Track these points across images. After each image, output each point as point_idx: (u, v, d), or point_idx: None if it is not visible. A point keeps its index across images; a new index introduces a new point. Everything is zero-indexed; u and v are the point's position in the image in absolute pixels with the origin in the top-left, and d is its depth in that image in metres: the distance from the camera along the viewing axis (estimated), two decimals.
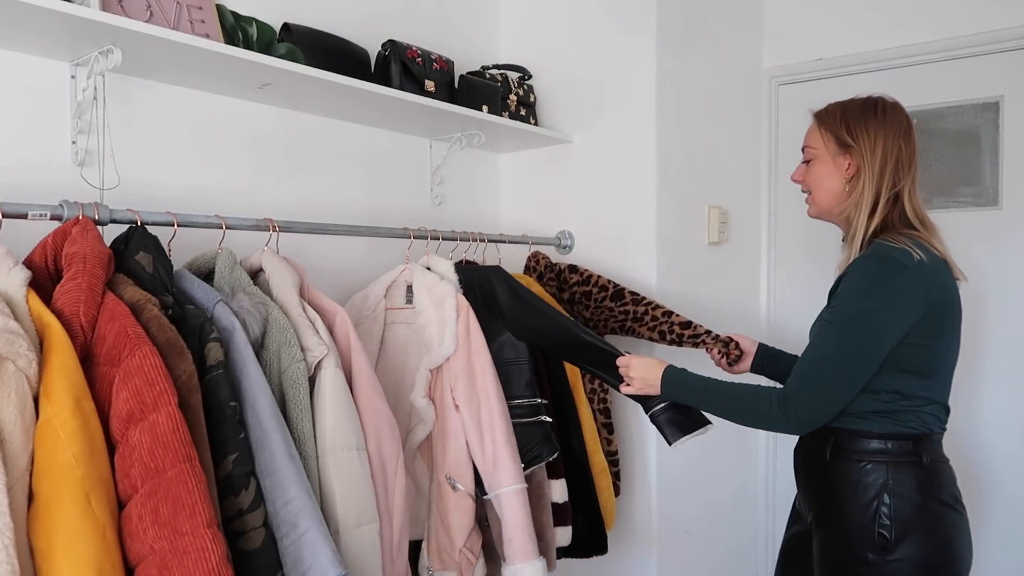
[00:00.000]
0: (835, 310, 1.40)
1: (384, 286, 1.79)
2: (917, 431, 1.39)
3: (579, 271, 2.11)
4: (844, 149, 1.49)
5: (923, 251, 1.37)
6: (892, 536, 1.35)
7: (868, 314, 1.35)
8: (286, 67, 1.55)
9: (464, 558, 1.63)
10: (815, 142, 1.54)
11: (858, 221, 1.44)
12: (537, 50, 2.41)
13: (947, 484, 1.42)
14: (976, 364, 2.30)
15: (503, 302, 1.76)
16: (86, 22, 1.26)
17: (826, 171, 1.51)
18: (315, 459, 1.33)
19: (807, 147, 1.56)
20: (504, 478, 1.62)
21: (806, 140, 1.57)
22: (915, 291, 1.35)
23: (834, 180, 1.50)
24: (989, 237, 2.28)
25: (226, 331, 1.26)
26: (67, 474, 0.98)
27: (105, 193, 1.48)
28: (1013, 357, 2.25)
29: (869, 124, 1.46)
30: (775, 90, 2.65)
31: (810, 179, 1.55)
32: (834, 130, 1.50)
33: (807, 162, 1.56)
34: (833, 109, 1.53)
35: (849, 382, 1.37)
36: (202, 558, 1.01)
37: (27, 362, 1.00)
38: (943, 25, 2.32)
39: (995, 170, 2.28)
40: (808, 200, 1.58)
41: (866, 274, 1.37)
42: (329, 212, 1.93)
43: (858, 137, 1.46)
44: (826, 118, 1.53)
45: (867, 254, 1.40)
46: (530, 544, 1.61)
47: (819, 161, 1.53)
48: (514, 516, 1.61)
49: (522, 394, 1.74)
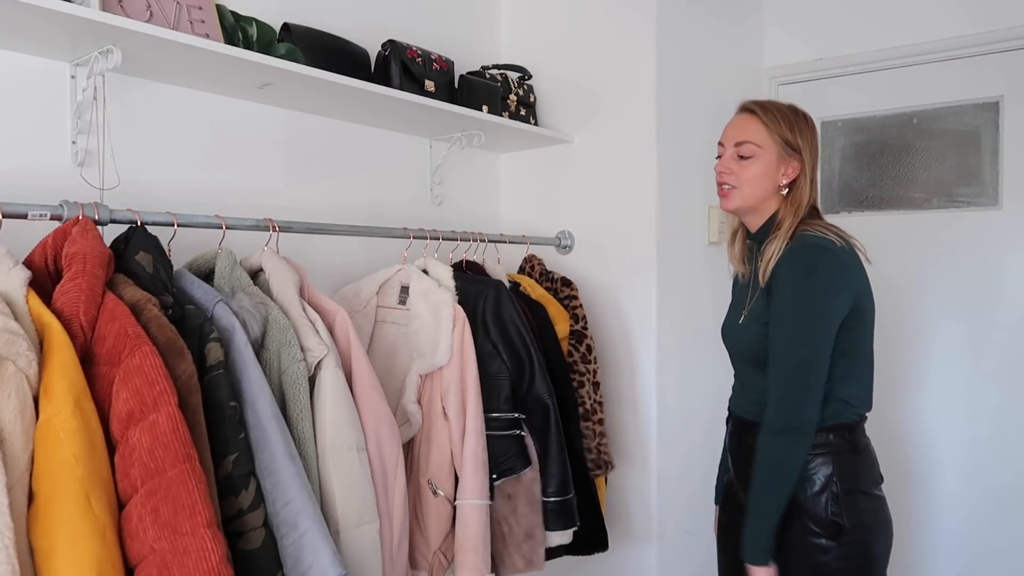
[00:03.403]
0: (780, 312, 1.43)
1: (377, 283, 1.79)
2: (852, 420, 1.47)
3: (571, 287, 2.12)
4: (789, 153, 1.50)
5: (839, 237, 1.45)
6: (844, 521, 1.41)
7: (813, 304, 1.40)
8: (286, 67, 1.55)
9: (437, 560, 1.66)
10: (760, 140, 1.51)
11: (790, 221, 1.48)
12: (537, 50, 2.41)
13: (876, 466, 1.52)
14: (977, 364, 2.30)
15: (491, 323, 1.78)
16: (86, 22, 1.26)
17: (766, 171, 1.50)
18: (315, 459, 1.33)
19: (748, 143, 1.51)
20: (468, 491, 1.64)
21: (746, 135, 1.52)
22: (846, 274, 1.42)
23: (771, 180, 1.51)
24: (989, 237, 2.28)
25: (226, 331, 1.26)
26: (67, 474, 0.98)
27: (105, 193, 1.48)
28: (1014, 357, 2.25)
29: (804, 131, 1.51)
30: (775, 90, 2.65)
31: (746, 175, 1.52)
32: (781, 133, 1.50)
33: (743, 157, 1.52)
34: (774, 110, 1.52)
35: (820, 375, 1.41)
36: (202, 558, 1.01)
37: (27, 362, 1.00)
38: (943, 25, 2.32)
39: (995, 170, 2.28)
40: (729, 193, 1.54)
41: (801, 266, 1.42)
42: (329, 212, 1.93)
43: (803, 144, 1.50)
44: (772, 119, 1.51)
45: (796, 246, 1.44)
46: (480, 561, 1.63)
47: (760, 161, 1.51)
48: (470, 529, 1.63)
49: (500, 408, 1.75)
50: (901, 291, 2.41)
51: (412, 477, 1.70)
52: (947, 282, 2.34)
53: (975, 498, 2.31)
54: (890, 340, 2.44)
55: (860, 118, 2.51)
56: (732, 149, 1.54)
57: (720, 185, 1.56)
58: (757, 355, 1.50)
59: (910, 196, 2.42)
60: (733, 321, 1.62)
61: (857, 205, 2.52)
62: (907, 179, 2.43)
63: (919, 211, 2.40)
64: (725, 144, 1.56)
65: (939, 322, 2.36)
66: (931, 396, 2.38)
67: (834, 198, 2.56)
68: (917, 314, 2.39)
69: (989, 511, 2.28)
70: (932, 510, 2.37)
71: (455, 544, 1.65)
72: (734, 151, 1.53)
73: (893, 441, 2.44)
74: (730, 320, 1.64)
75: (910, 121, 2.42)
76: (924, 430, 2.39)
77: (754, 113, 1.53)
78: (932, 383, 2.38)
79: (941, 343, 2.36)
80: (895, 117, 2.45)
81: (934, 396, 2.38)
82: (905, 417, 2.42)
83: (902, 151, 2.44)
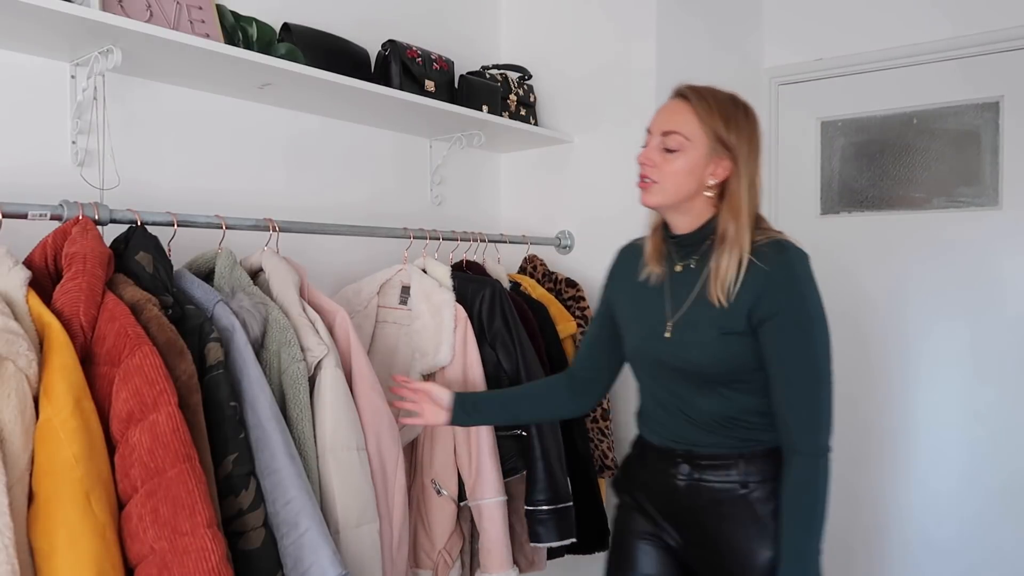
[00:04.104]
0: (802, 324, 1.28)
1: (378, 283, 1.79)
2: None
3: (577, 288, 2.12)
4: (720, 151, 1.32)
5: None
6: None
7: (823, 315, 1.29)
8: (286, 67, 1.55)
9: (442, 560, 1.67)
10: (690, 132, 1.31)
11: (738, 227, 1.31)
12: (537, 50, 2.41)
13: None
14: (977, 364, 2.30)
15: (487, 323, 1.78)
16: (86, 22, 1.26)
17: (691, 167, 1.32)
18: (315, 459, 1.33)
19: (676, 133, 1.32)
20: (486, 490, 1.65)
21: (674, 125, 1.33)
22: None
23: (696, 179, 1.32)
24: (989, 237, 2.28)
25: (226, 331, 1.26)
26: (67, 474, 0.98)
27: (105, 193, 1.48)
28: (1014, 357, 2.25)
29: (742, 127, 1.33)
30: (775, 90, 2.65)
31: (669, 170, 1.32)
32: (714, 126, 1.31)
33: (669, 150, 1.33)
34: (711, 99, 1.34)
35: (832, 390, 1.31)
36: (202, 558, 1.01)
37: (27, 362, 1.00)
38: (943, 25, 2.31)
39: (995, 170, 2.28)
40: (649, 187, 1.34)
41: (806, 275, 1.30)
42: (329, 212, 1.93)
43: (738, 141, 1.32)
44: (706, 109, 1.33)
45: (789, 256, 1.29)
46: (505, 554, 1.65)
47: (687, 156, 1.31)
48: (493, 527, 1.65)
49: None
50: (901, 291, 2.41)
51: (416, 477, 1.71)
52: (947, 282, 2.34)
53: (975, 498, 2.30)
54: (889, 340, 2.44)
55: (860, 118, 2.51)
56: (659, 139, 1.34)
57: (641, 177, 1.36)
58: (733, 371, 1.31)
59: (910, 196, 2.42)
60: (656, 333, 1.37)
61: (857, 205, 2.52)
62: (907, 179, 2.43)
63: (919, 211, 2.40)
64: (652, 132, 1.36)
65: (938, 322, 2.36)
66: (930, 396, 2.38)
67: (834, 198, 2.56)
68: (916, 314, 2.39)
69: (989, 511, 2.28)
70: (932, 510, 2.37)
71: (480, 544, 1.67)
72: (660, 141, 1.34)
73: (892, 441, 2.44)
74: (651, 331, 1.38)
75: (910, 121, 2.42)
76: (923, 430, 2.39)
77: (687, 100, 1.34)
78: (931, 383, 2.38)
79: (940, 343, 2.36)
80: (895, 117, 2.45)
81: (933, 396, 2.37)
82: (904, 417, 2.42)
83: (902, 151, 2.44)
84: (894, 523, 2.43)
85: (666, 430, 1.39)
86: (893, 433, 2.44)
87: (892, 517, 2.43)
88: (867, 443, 2.48)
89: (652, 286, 1.42)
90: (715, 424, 1.34)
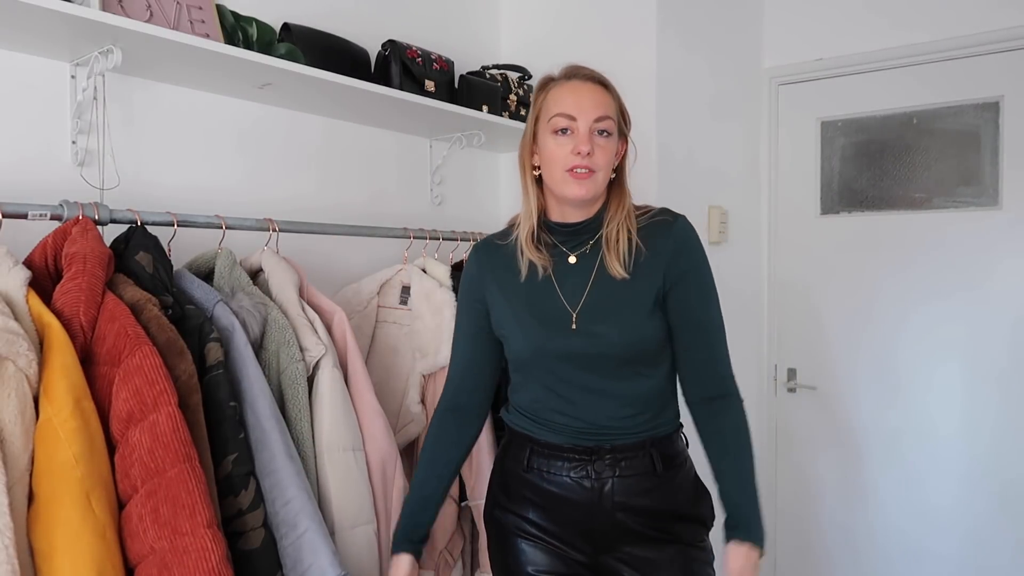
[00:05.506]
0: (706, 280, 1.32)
1: (378, 283, 1.79)
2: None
3: None
4: (623, 131, 1.32)
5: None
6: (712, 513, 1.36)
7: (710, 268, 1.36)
8: (286, 67, 1.55)
9: (443, 560, 1.66)
10: (615, 115, 1.29)
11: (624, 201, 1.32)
12: (537, 50, 2.41)
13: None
14: (977, 364, 2.30)
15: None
16: (86, 22, 1.26)
17: (615, 151, 1.30)
18: (313, 459, 1.34)
19: (608, 118, 1.27)
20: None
21: (605, 110, 1.27)
22: None
23: (611, 163, 1.30)
24: (989, 237, 2.28)
25: (226, 331, 1.26)
26: (67, 474, 0.98)
27: (105, 193, 1.48)
28: (1013, 357, 2.25)
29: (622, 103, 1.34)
30: (775, 90, 2.65)
31: (605, 158, 1.27)
32: (621, 107, 1.31)
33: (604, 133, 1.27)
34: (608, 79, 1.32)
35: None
36: (202, 558, 1.01)
37: (27, 362, 1.00)
38: (943, 25, 2.32)
39: (995, 170, 2.28)
40: (587, 177, 1.26)
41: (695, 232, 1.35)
42: (329, 212, 1.93)
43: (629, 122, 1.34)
44: (614, 91, 1.31)
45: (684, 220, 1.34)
46: None
47: (613, 140, 1.29)
48: None
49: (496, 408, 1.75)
50: (900, 291, 2.41)
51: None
52: (947, 282, 2.34)
53: (975, 499, 2.30)
54: (889, 340, 2.44)
55: (860, 118, 2.51)
56: (591, 124, 1.25)
57: (574, 169, 1.25)
58: (659, 347, 1.29)
59: (910, 196, 2.42)
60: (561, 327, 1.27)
61: (857, 205, 2.52)
62: (907, 179, 2.43)
63: (919, 211, 2.40)
64: (578, 117, 1.25)
65: (938, 322, 2.36)
66: (930, 396, 2.38)
67: (834, 198, 2.56)
68: (916, 314, 2.39)
69: (989, 511, 2.28)
70: (932, 510, 2.37)
71: (480, 544, 1.65)
72: (594, 127, 1.25)
73: (892, 441, 2.44)
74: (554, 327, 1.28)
75: (910, 121, 2.42)
76: (923, 430, 2.39)
77: (602, 83, 1.30)
78: (931, 383, 2.38)
79: (940, 343, 2.36)
80: (895, 117, 2.45)
81: (933, 396, 2.37)
82: (904, 417, 2.42)
83: (902, 151, 2.44)
84: (892, 525, 2.43)
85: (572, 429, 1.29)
86: (893, 433, 2.44)
87: (892, 518, 2.43)
88: (867, 443, 2.49)
89: (539, 282, 1.32)
90: (631, 408, 1.28)
